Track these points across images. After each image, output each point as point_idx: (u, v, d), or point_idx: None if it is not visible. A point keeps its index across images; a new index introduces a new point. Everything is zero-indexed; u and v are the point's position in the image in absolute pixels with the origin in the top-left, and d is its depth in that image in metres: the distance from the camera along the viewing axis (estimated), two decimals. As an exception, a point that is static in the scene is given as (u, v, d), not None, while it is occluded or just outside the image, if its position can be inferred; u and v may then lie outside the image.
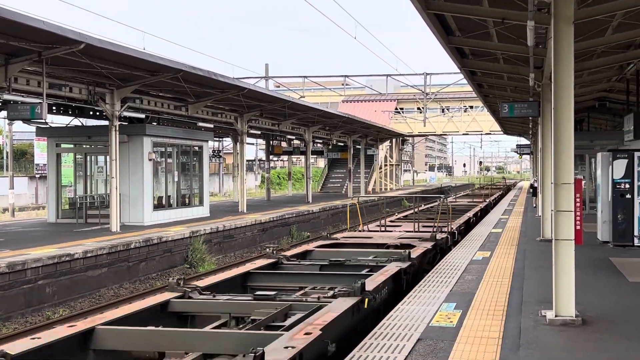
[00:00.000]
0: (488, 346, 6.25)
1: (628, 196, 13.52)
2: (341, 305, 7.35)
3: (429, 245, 13.08)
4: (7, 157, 36.52)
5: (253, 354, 5.13)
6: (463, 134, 55.94)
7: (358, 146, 46.67)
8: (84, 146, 22.46)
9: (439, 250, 13.87)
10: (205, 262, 18.68)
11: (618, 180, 13.60)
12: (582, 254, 11.15)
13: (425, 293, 8.82)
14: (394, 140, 57.25)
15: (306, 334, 6.09)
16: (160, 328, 6.92)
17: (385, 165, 56.95)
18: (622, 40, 12.83)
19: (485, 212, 26.14)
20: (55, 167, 22.08)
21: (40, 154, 39.81)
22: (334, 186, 52.39)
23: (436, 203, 26.13)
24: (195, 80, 19.58)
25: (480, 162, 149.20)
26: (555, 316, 7.24)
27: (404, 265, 10.30)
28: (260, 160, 64.23)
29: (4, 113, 19.21)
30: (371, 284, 8.52)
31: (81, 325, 6.74)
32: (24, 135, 49.75)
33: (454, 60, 15.40)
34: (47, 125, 22.95)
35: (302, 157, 51.44)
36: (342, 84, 58.10)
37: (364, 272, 10.28)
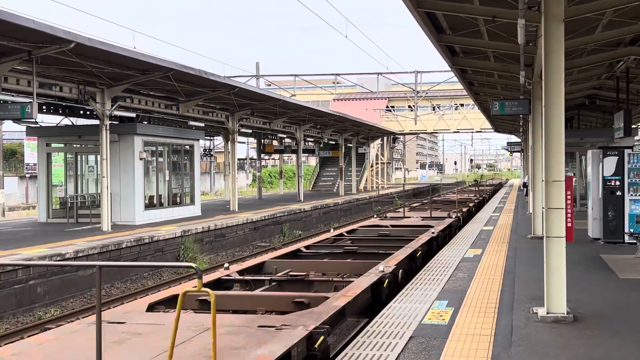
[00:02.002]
0: (480, 343, 6.27)
1: (618, 193, 13.58)
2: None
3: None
4: (-4, 156, 36.30)
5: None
6: (454, 132, 56.05)
7: (349, 144, 46.70)
8: (75, 145, 22.37)
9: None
10: (197, 262, 18.65)
11: (608, 178, 13.66)
12: (573, 251, 11.20)
13: (417, 291, 8.83)
14: (385, 138, 57.30)
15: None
16: None
17: (377, 163, 57.01)
18: (612, 38, 12.89)
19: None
20: (45, 167, 21.98)
21: (31, 153, 39.60)
22: (325, 184, 52.39)
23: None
24: (186, 79, 19.54)
25: (471, 160, 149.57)
26: (547, 313, 7.26)
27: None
28: (251, 159, 64.21)
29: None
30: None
31: None
32: (14, 134, 49.46)
33: (445, 58, 15.43)
34: (38, 125, 22.86)
35: (294, 156, 51.46)
36: (333, 83, 58.18)
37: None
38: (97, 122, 19.58)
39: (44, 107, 19.68)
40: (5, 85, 16.20)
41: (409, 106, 55.31)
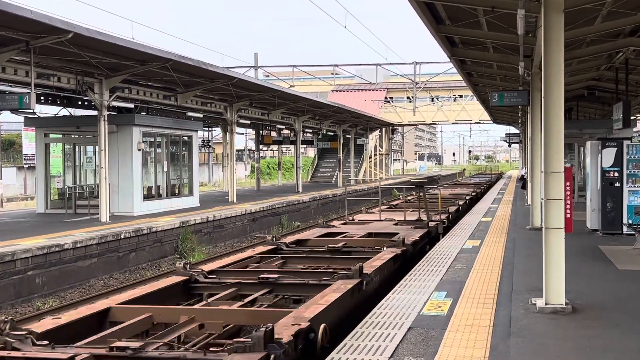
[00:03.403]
0: (479, 334, 6.27)
1: (617, 184, 13.58)
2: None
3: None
4: (-5, 147, 36.25)
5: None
6: (452, 123, 55.99)
7: (348, 135, 46.66)
8: (73, 136, 22.34)
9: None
10: (195, 252, 18.66)
11: (607, 169, 13.65)
12: (572, 242, 11.20)
13: (416, 282, 8.84)
14: (383, 129, 57.24)
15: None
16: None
17: (375, 154, 56.97)
18: (612, 29, 12.84)
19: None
20: (43, 158, 21.96)
21: (29, 144, 39.54)
22: (324, 176, 52.38)
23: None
24: (184, 69, 19.48)
25: (470, 151, 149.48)
26: (546, 304, 7.27)
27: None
28: (250, 150, 64.10)
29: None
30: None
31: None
32: (12, 125, 49.35)
33: (444, 49, 15.38)
34: (36, 115, 22.82)
35: (292, 147, 51.31)
36: (332, 73, 58.02)
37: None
38: (95, 112, 19.54)
39: (42, 98, 19.63)
40: (3, 75, 16.15)
41: (408, 97, 55.25)
